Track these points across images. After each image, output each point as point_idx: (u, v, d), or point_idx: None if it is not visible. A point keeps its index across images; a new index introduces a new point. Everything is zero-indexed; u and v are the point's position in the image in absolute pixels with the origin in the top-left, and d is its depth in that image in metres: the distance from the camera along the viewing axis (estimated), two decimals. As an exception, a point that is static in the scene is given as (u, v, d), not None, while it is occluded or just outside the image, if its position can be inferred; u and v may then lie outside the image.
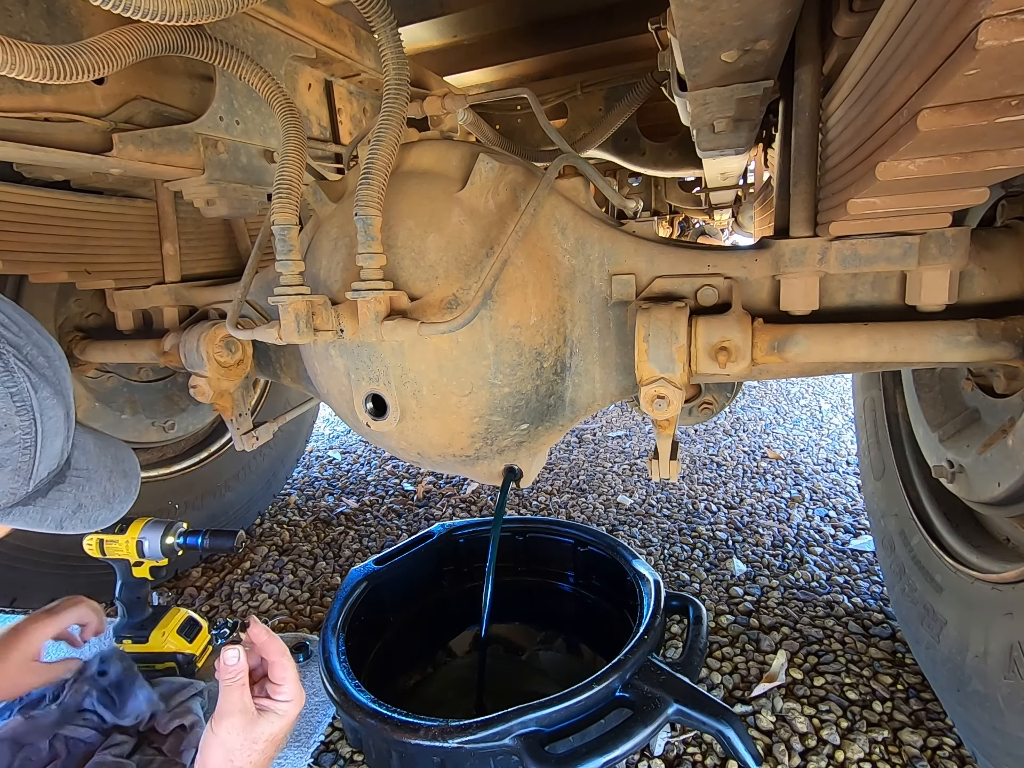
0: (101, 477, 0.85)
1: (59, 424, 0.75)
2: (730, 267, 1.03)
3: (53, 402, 0.74)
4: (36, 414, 0.71)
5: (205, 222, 1.63)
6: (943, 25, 0.44)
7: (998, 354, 0.90)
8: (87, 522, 0.83)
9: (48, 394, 0.73)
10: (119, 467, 0.90)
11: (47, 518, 0.77)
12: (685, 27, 0.72)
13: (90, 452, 0.86)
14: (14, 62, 0.70)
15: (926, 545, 1.29)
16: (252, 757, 0.88)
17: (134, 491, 0.91)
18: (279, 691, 0.93)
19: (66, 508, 0.79)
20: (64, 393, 0.77)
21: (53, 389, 0.74)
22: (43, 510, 0.77)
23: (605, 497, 2.41)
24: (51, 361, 0.76)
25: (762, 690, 1.35)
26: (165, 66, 1.13)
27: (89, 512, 0.83)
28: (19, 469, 0.71)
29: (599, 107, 2.09)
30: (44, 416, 0.72)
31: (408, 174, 1.07)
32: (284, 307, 0.95)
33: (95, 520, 0.84)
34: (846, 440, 2.90)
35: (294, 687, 0.94)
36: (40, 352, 0.75)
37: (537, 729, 1.01)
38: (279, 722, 0.91)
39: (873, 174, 0.62)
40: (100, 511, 0.85)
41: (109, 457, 0.89)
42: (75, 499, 0.80)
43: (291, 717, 0.93)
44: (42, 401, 0.72)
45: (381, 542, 2.15)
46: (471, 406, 1.06)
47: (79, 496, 0.81)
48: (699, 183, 3.35)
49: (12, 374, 0.68)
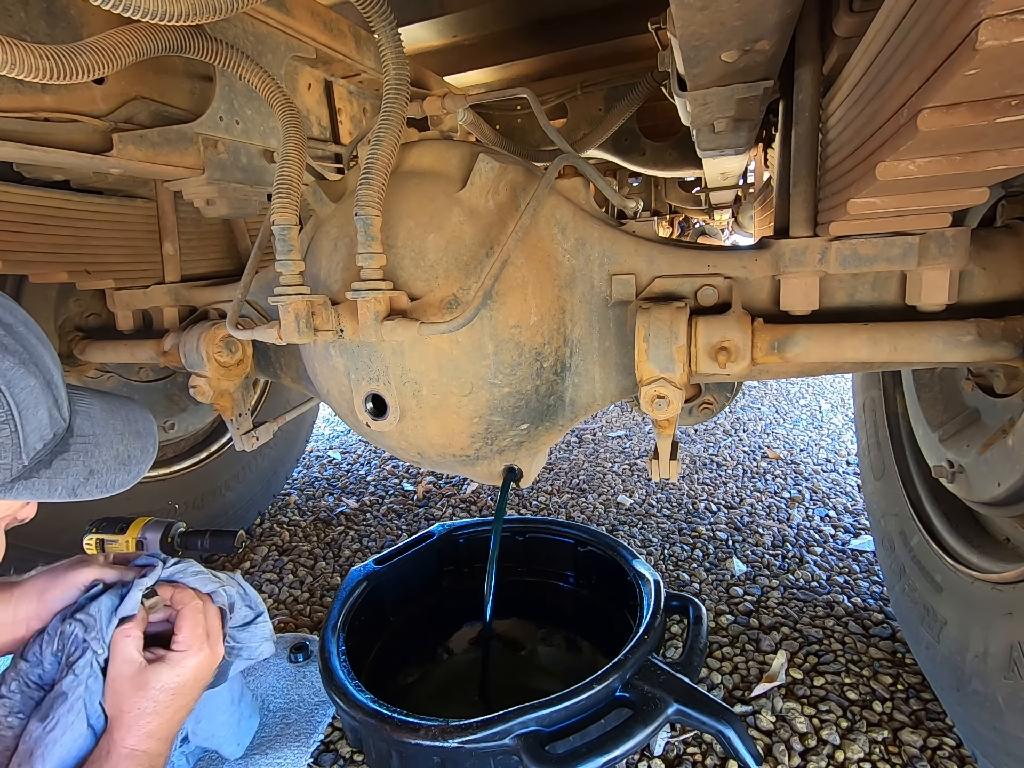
0: (111, 440, 0.85)
1: (36, 393, 0.74)
2: (730, 267, 1.03)
3: (20, 372, 0.73)
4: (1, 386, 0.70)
5: (205, 222, 1.63)
6: (943, 25, 0.44)
7: (998, 354, 0.90)
8: (103, 487, 0.83)
9: (10, 364, 0.72)
10: (132, 428, 0.89)
11: (56, 488, 0.77)
12: (685, 27, 0.72)
13: (95, 417, 0.85)
14: (14, 62, 0.70)
15: (926, 545, 1.29)
16: (140, 703, 0.88)
17: (152, 450, 0.91)
18: (175, 640, 0.94)
19: (76, 476, 0.79)
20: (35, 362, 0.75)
21: (16, 359, 0.73)
22: (50, 480, 0.76)
23: (605, 497, 2.41)
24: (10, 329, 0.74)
25: (762, 690, 1.35)
26: (165, 66, 1.13)
27: (104, 476, 0.83)
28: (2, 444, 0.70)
29: (599, 107, 2.09)
30: (13, 387, 0.71)
31: (408, 174, 1.07)
32: (284, 307, 0.95)
33: (113, 484, 0.84)
34: (846, 440, 2.90)
35: (190, 636, 0.94)
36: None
37: (537, 729, 1.01)
38: (168, 671, 0.90)
39: (873, 174, 0.62)
40: (116, 474, 0.85)
41: (119, 420, 0.88)
42: (85, 466, 0.80)
43: (186, 666, 0.92)
44: (5, 373, 0.71)
45: (381, 542, 2.15)
46: (471, 406, 1.06)
47: (88, 462, 0.81)
48: (699, 183, 3.35)
49: None
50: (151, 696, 0.89)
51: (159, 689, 0.90)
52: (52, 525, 1.55)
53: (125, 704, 0.89)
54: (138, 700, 0.89)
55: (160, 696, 0.90)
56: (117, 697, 0.89)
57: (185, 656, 0.93)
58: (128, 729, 0.88)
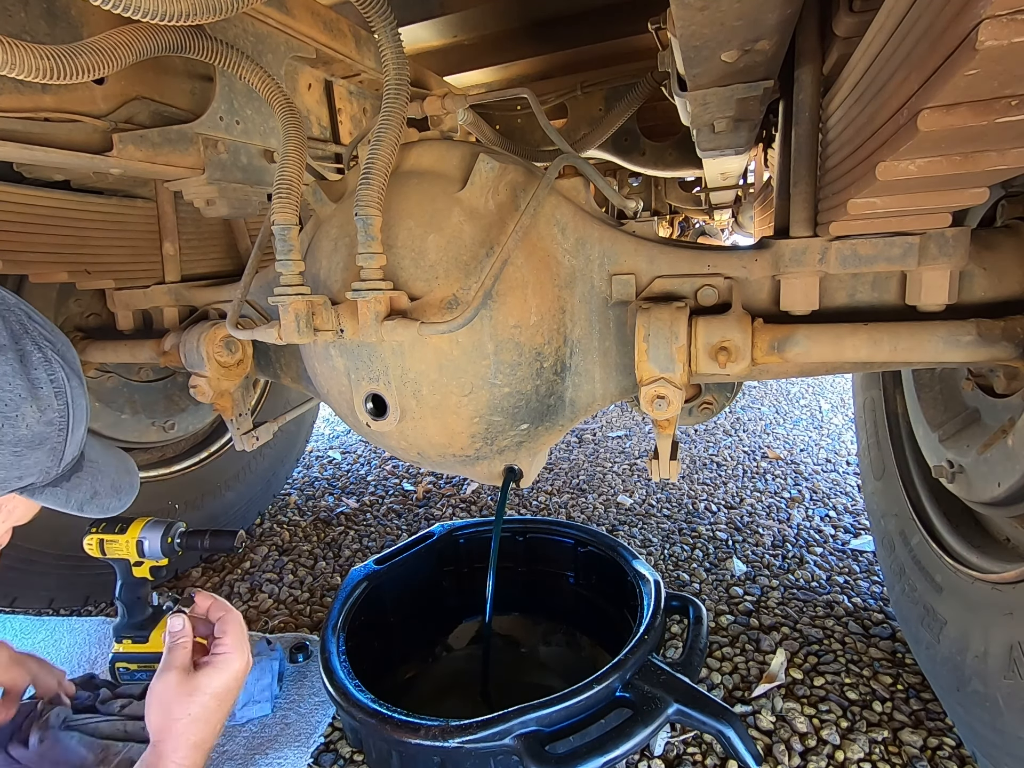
0: (110, 470, 0.96)
1: (84, 412, 0.86)
2: (730, 267, 1.03)
3: (80, 391, 0.85)
4: (69, 399, 0.82)
5: (205, 222, 1.63)
6: (943, 25, 0.44)
7: (998, 354, 0.90)
8: (101, 508, 0.93)
9: (76, 384, 0.84)
10: (123, 465, 1.01)
11: (71, 500, 0.87)
12: (685, 27, 0.72)
13: (97, 449, 0.96)
14: (14, 62, 0.70)
15: (926, 545, 1.29)
16: (190, 709, 0.91)
17: (136, 486, 1.02)
18: (219, 644, 0.98)
19: (84, 493, 0.89)
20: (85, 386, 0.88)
21: (79, 380, 0.85)
22: (67, 493, 0.86)
23: (605, 497, 2.41)
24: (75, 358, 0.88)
25: (762, 690, 1.34)
26: (165, 66, 1.13)
27: (102, 499, 0.93)
28: (55, 449, 0.81)
29: (599, 107, 2.09)
30: (75, 403, 0.83)
31: (408, 174, 1.07)
32: (284, 307, 0.95)
33: (107, 507, 0.94)
34: (846, 440, 2.90)
35: (233, 640, 0.98)
36: (67, 348, 0.86)
37: (537, 729, 1.01)
38: (217, 675, 0.94)
39: (873, 174, 0.62)
40: (111, 499, 0.94)
41: (112, 456, 1.00)
42: (91, 486, 0.90)
43: (233, 670, 0.96)
44: (73, 389, 0.83)
45: (381, 542, 2.15)
46: (471, 406, 1.06)
47: (94, 484, 0.91)
48: (699, 183, 3.35)
49: (50, 363, 0.80)
50: (200, 701, 0.92)
51: (209, 694, 0.93)
52: (52, 525, 1.56)
53: (176, 710, 0.91)
54: (189, 705, 0.92)
55: (209, 702, 0.93)
56: (165, 706, 0.92)
57: (231, 659, 0.97)
58: (177, 739, 0.90)
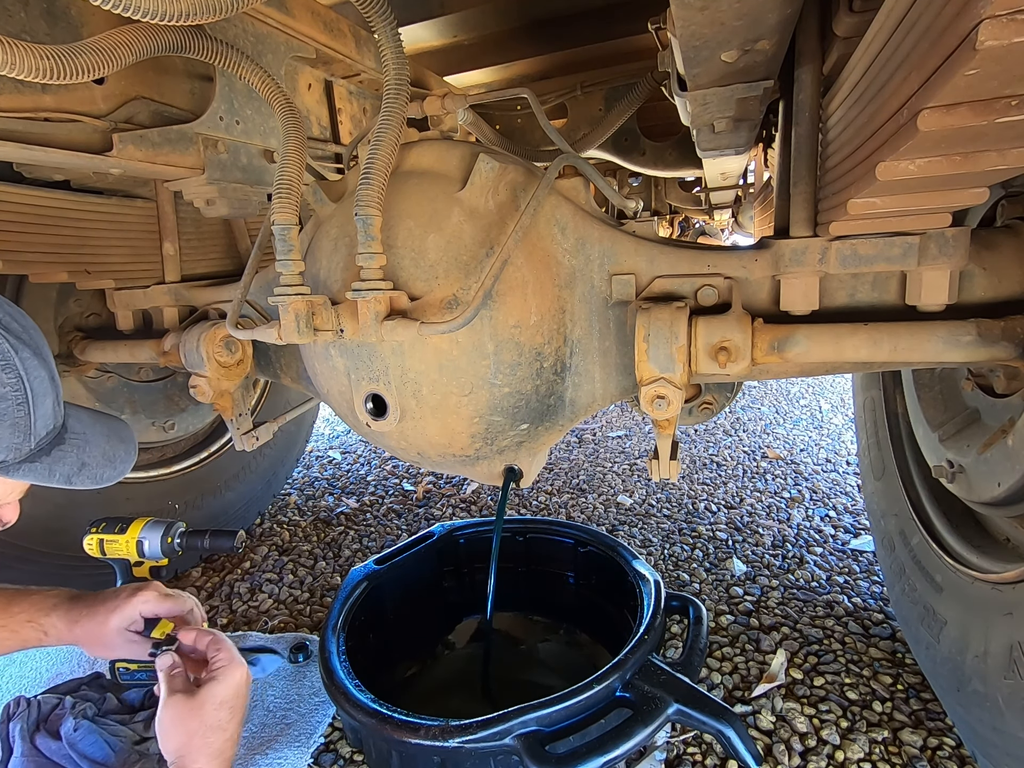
0: (99, 440, 0.96)
1: (45, 384, 0.84)
2: (730, 267, 1.03)
3: (35, 363, 0.83)
4: (21, 372, 0.80)
5: (205, 222, 1.63)
6: (943, 25, 0.44)
7: (998, 354, 0.90)
8: (93, 479, 0.94)
9: (28, 355, 0.82)
10: (116, 434, 1.00)
11: (55, 474, 0.87)
12: (685, 27, 0.72)
13: (84, 420, 0.96)
14: (14, 62, 0.70)
15: (926, 545, 1.29)
16: (204, 719, 0.96)
17: (134, 452, 1.02)
18: (215, 660, 1.03)
19: (71, 466, 0.90)
20: (44, 356, 0.86)
21: (32, 351, 0.83)
22: (50, 467, 0.86)
23: (605, 497, 2.41)
24: (26, 328, 0.85)
25: (762, 690, 1.34)
26: (165, 66, 1.13)
27: (94, 470, 0.93)
28: (17, 424, 0.80)
29: (599, 107, 2.09)
30: (29, 375, 0.81)
31: (408, 174, 1.07)
32: (284, 307, 0.95)
33: (101, 477, 0.95)
34: (846, 440, 2.90)
35: (226, 654, 1.04)
36: (13, 319, 0.84)
37: (537, 729, 1.01)
38: (220, 686, 0.99)
39: (873, 174, 0.62)
40: (104, 469, 0.95)
41: (103, 426, 0.99)
42: (78, 458, 0.91)
43: (235, 677, 1.01)
44: (24, 361, 0.81)
45: (381, 542, 2.15)
46: (471, 406, 1.06)
47: (81, 456, 0.91)
48: (699, 183, 3.35)
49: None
50: (211, 713, 0.97)
51: (217, 705, 0.98)
52: (52, 525, 1.56)
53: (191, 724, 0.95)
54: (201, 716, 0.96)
55: (220, 711, 0.97)
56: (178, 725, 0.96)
57: (231, 669, 1.02)
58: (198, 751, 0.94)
